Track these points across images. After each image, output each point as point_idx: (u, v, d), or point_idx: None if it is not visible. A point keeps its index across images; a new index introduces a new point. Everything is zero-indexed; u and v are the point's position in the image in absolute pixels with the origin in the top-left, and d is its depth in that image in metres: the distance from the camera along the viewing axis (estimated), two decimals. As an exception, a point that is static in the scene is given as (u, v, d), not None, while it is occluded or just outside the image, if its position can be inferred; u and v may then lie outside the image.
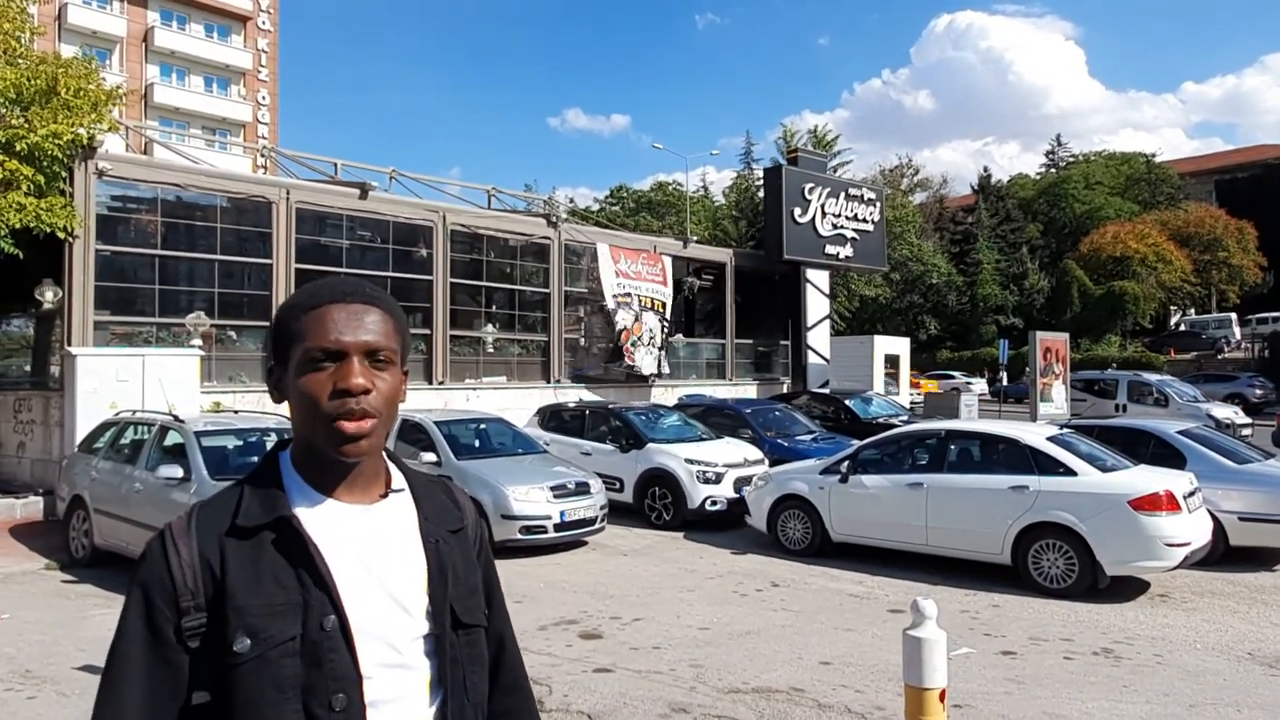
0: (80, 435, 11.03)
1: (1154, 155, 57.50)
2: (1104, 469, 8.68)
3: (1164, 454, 10.17)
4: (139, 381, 11.89)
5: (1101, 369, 28.00)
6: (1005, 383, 31.91)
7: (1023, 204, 55.30)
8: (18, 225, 11.05)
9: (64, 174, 12.18)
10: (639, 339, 19.82)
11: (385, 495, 1.39)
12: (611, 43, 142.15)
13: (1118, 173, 56.56)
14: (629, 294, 19.74)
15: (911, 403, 23.92)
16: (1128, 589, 8.54)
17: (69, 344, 12.57)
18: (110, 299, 13.68)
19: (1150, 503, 8.09)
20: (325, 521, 1.31)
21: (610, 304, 19.38)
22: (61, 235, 11.81)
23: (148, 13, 45.27)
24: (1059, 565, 8.40)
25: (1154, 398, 21.77)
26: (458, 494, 1.53)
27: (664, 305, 20.70)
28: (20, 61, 11.51)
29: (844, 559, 9.89)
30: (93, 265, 13.00)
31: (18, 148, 10.95)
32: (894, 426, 13.63)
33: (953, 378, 40.20)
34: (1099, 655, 6.70)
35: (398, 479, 1.43)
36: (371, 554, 1.33)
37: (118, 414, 10.78)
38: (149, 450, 9.39)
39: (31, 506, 11.95)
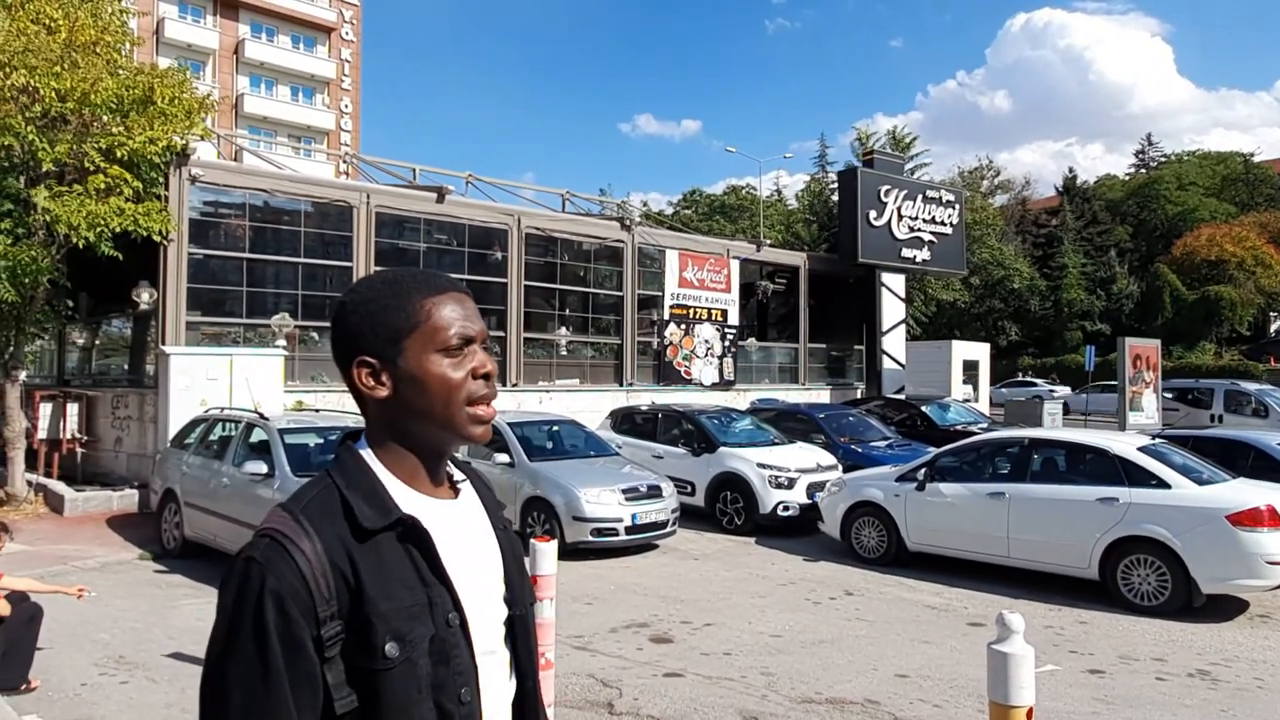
0: (173, 431, 11.47)
1: (1252, 155, 54.91)
2: (1200, 481, 8.29)
3: (1265, 467, 9.70)
4: (227, 380, 12.33)
5: (1195, 378, 26.77)
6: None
7: (1110, 206, 53.36)
8: (118, 229, 11.56)
9: (160, 180, 12.71)
10: (691, 352, 19.80)
11: (455, 487, 1.41)
12: (681, 49, 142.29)
13: (1213, 173, 54.17)
14: (685, 306, 19.76)
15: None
16: (1225, 608, 8.14)
17: (163, 344, 13.09)
18: (201, 300, 14.20)
19: (1250, 518, 7.68)
20: (428, 518, 1.30)
21: (664, 316, 19.43)
22: (157, 239, 12.30)
23: (239, 26, 47.12)
24: (1150, 581, 8.04)
25: (1253, 408, 20.70)
26: (484, 478, 1.54)
27: (723, 314, 20.60)
28: (120, 72, 12.05)
29: (920, 569, 9.65)
30: (185, 268, 13.52)
31: (118, 154, 11.45)
32: (972, 434, 13.28)
33: (1034, 385, 38.99)
34: (1194, 677, 6.38)
35: (456, 471, 1.44)
36: (464, 546, 1.34)
37: (207, 411, 11.20)
38: (236, 446, 9.72)
39: (127, 499, 12.47)
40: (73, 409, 14.08)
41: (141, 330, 15.61)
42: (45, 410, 13.78)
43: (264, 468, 8.82)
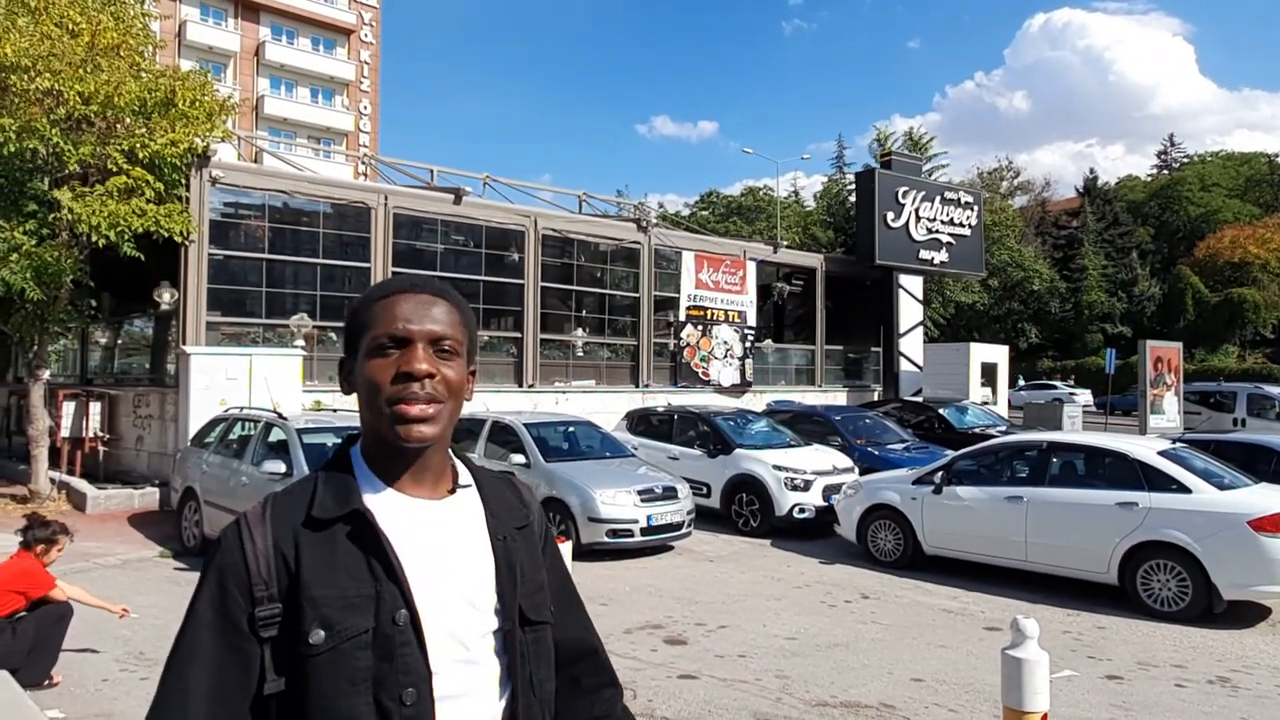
0: (193, 430, 11.59)
1: (1276, 155, 54.32)
2: (1221, 486, 8.20)
3: (1288, 472, 9.55)
4: (246, 380, 12.44)
5: (1217, 381, 26.49)
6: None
7: (1132, 207, 52.94)
8: (140, 230, 11.69)
9: (181, 181, 12.83)
10: (709, 353, 19.80)
11: (453, 491, 1.40)
12: (697, 50, 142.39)
13: (1236, 174, 53.66)
14: (701, 308, 19.76)
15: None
16: (1246, 614, 8.04)
17: (184, 343, 13.23)
18: (221, 300, 14.34)
19: (1273, 523, 7.59)
20: (396, 515, 1.31)
21: (681, 317, 19.43)
22: (178, 239, 12.43)
23: (259, 28, 47.51)
24: (1170, 587, 7.96)
25: (1276, 412, 20.43)
26: (522, 490, 1.53)
27: (740, 315, 20.57)
28: (143, 74, 12.18)
29: (937, 572, 9.60)
30: (206, 268, 13.66)
31: (140, 156, 11.59)
32: (990, 437, 13.19)
33: (1054, 387, 38.69)
34: (1214, 684, 6.32)
35: (464, 475, 1.44)
36: (441, 549, 1.33)
37: (227, 410, 11.30)
38: (254, 446, 9.80)
39: (148, 497, 12.61)
40: (95, 408, 14.24)
41: (162, 330, 15.77)
42: (68, 409, 13.94)
43: (282, 467, 8.89)
